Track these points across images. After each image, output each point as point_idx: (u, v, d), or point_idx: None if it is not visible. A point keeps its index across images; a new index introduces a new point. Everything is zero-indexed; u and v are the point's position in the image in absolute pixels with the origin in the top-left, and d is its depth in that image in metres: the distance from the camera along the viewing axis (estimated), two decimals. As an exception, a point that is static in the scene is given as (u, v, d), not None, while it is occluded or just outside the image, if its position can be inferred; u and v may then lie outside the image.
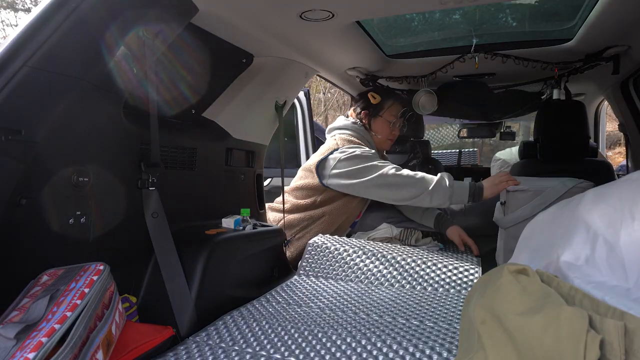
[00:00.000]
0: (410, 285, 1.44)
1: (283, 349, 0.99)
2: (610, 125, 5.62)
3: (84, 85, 0.98)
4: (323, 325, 1.10)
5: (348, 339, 1.01)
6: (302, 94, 3.12)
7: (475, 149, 5.44)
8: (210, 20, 1.35)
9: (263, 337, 1.05)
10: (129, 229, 1.16)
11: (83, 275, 0.88)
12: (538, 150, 2.14)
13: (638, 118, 2.34)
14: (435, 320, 1.10)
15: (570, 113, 2.09)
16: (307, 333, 1.06)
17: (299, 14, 1.36)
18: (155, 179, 1.21)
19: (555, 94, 2.20)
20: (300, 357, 0.95)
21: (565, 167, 1.90)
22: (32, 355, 0.67)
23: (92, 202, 1.05)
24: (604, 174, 2.07)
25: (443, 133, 5.95)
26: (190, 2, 1.20)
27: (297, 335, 1.05)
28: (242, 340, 1.04)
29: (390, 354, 0.93)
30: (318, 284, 1.45)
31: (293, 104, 2.99)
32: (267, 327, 1.11)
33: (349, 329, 1.06)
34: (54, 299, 0.80)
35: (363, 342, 0.99)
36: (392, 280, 1.47)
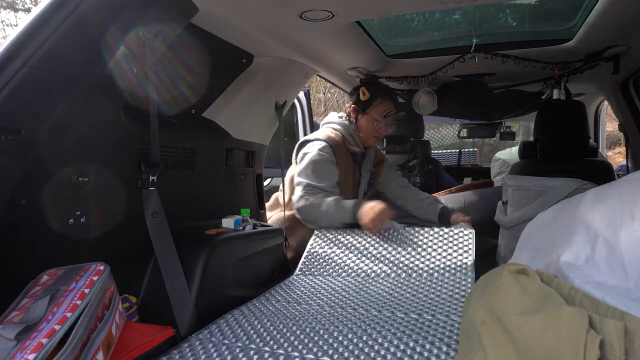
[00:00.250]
0: (407, 274, 1.44)
1: (286, 345, 0.99)
2: (610, 125, 5.62)
3: (84, 85, 0.98)
4: (324, 322, 1.10)
5: (349, 335, 1.01)
6: (302, 94, 3.12)
7: (475, 149, 5.42)
8: (210, 20, 1.35)
9: (265, 333, 1.05)
10: (129, 229, 1.16)
11: (83, 276, 0.88)
12: (538, 150, 2.14)
13: (638, 118, 2.35)
14: (433, 313, 1.11)
15: (570, 113, 2.09)
16: (308, 330, 1.06)
17: (299, 14, 1.36)
18: (155, 179, 1.21)
19: (555, 94, 2.20)
20: (304, 352, 0.95)
21: (565, 167, 1.90)
22: (32, 357, 0.67)
23: (92, 202, 1.05)
24: (604, 174, 2.07)
25: (443, 133, 5.95)
26: (190, 2, 1.20)
27: (299, 332, 1.05)
28: (245, 337, 1.04)
29: (392, 349, 0.93)
30: (316, 282, 1.45)
31: (293, 104, 2.98)
32: (268, 324, 1.11)
33: (350, 326, 1.06)
34: (54, 300, 0.80)
35: (364, 338, 0.99)
36: (388, 272, 1.48)
